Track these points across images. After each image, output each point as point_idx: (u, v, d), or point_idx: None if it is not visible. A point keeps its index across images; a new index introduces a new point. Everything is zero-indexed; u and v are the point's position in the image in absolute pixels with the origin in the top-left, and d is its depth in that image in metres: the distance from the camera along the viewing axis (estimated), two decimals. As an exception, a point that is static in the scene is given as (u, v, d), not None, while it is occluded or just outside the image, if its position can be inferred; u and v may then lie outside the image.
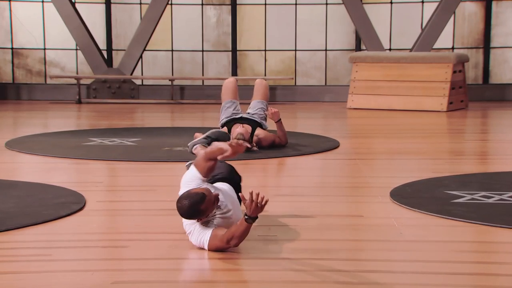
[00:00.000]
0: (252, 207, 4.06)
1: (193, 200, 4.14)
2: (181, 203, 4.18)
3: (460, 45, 13.72)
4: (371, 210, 5.35)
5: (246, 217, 4.11)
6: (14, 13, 13.81)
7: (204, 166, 4.37)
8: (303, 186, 6.22)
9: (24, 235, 4.66)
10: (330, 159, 7.47)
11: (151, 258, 4.19)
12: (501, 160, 7.67)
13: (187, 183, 4.40)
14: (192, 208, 4.14)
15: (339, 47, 13.91)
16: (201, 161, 4.39)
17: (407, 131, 9.87)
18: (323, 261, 4.14)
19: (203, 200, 4.14)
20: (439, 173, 6.62)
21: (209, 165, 4.37)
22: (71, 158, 7.44)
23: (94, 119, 11.35)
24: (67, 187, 5.94)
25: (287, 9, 13.86)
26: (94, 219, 5.10)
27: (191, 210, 4.16)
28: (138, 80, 13.75)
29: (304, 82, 13.86)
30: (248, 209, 4.09)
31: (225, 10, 13.96)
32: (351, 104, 12.15)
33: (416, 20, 13.70)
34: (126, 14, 14.00)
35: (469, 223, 4.88)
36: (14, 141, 8.43)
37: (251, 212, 4.08)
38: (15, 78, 13.94)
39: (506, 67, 13.71)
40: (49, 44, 13.88)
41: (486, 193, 5.70)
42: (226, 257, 4.20)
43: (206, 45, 14.00)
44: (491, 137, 9.70)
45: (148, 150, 7.88)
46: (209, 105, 12.68)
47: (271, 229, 4.80)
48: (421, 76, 11.80)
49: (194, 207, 4.14)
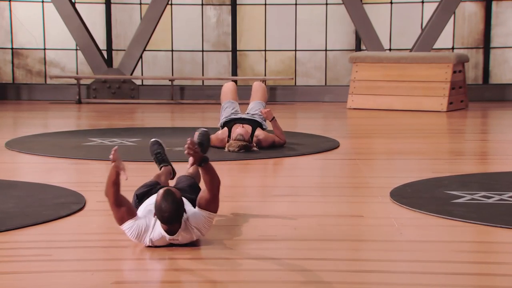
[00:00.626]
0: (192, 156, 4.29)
1: (174, 200, 4.12)
2: (168, 207, 4.10)
3: (460, 45, 13.72)
4: (371, 210, 5.36)
5: (202, 164, 4.27)
6: (14, 13, 13.81)
7: (111, 192, 4.26)
8: (303, 186, 6.22)
9: (24, 235, 4.66)
10: (330, 159, 7.47)
11: (151, 258, 4.19)
12: (501, 160, 7.67)
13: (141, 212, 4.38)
14: (179, 205, 4.14)
15: (339, 47, 13.91)
16: (108, 188, 4.28)
17: (407, 131, 9.87)
18: (323, 261, 4.15)
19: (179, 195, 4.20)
20: (439, 173, 6.62)
21: (113, 191, 4.25)
22: (71, 158, 7.45)
23: (94, 119, 11.35)
24: (67, 187, 5.94)
25: (287, 9, 13.87)
26: (94, 219, 5.10)
27: (179, 209, 4.15)
28: (138, 80, 13.75)
29: (304, 82, 13.86)
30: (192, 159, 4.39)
31: (225, 10, 13.97)
32: (351, 104, 12.15)
33: (416, 20, 13.71)
34: (126, 14, 14.00)
35: (469, 223, 4.88)
36: (14, 141, 8.43)
37: (194, 160, 4.30)
38: (15, 78, 13.94)
39: (506, 67, 13.71)
40: (49, 44, 13.89)
41: (486, 193, 5.70)
42: (224, 257, 4.20)
43: (206, 45, 14.00)
44: (491, 137, 9.70)
45: (148, 150, 7.86)
46: (209, 105, 12.68)
47: (271, 229, 4.80)
48: (421, 76, 11.80)
49: (179, 204, 4.15)
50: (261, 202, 5.68)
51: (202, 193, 4.37)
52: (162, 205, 4.12)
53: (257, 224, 4.88)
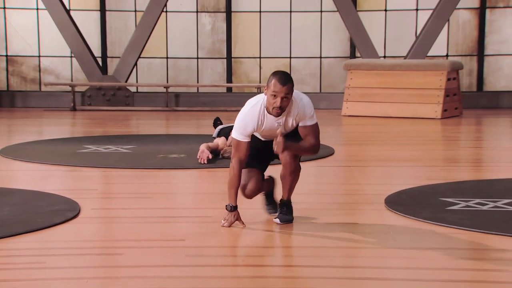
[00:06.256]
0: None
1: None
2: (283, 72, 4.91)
3: (454, 52, 13.75)
4: (366, 217, 5.36)
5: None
6: (9, 21, 13.80)
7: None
8: (297, 193, 6.21)
9: (19, 243, 4.65)
10: (325, 166, 7.47)
11: (146, 265, 4.18)
12: (495, 167, 7.68)
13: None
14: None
15: (334, 55, 13.93)
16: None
17: (401, 138, 9.89)
18: (317, 269, 4.14)
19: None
20: (434, 180, 6.62)
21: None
22: (65, 165, 7.43)
23: (89, 127, 11.34)
24: (62, 194, 5.92)
25: (282, 16, 13.89)
26: (89, 226, 5.09)
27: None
28: (133, 87, 13.75)
29: (299, 89, 13.82)
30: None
31: (220, 18, 13.98)
32: (346, 111, 12.17)
33: (410, 28, 13.74)
34: (121, 22, 14.00)
35: (463, 230, 4.88)
36: (8, 149, 8.42)
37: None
38: (10, 85, 13.93)
39: (500, 75, 13.74)
40: (43, 52, 13.88)
41: (480, 200, 5.71)
42: (220, 265, 4.20)
43: (201, 53, 14.01)
44: (485, 145, 9.72)
45: (143, 157, 7.87)
46: (204, 113, 12.68)
47: (266, 236, 4.79)
48: (415, 84, 11.82)
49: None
50: (255, 209, 5.67)
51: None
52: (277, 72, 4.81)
53: (251, 231, 4.87)
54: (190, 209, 5.72)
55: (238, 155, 4.85)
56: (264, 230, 4.93)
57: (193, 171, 7.20)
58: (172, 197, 6.26)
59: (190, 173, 7.17)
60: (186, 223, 5.20)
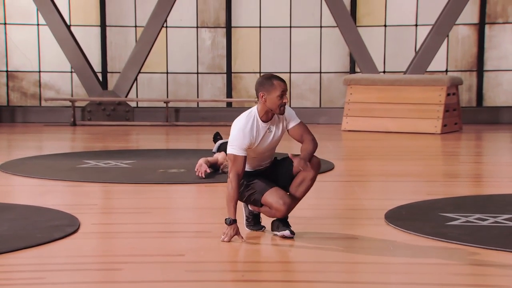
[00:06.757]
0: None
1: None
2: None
3: (454, 68, 13.78)
4: (366, 232, 5.35)
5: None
6: (9, 36, 13.84)
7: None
8: (297, 208, 6.21)
9: (18, 258, 4.64)
10: (325, 181, 7.47)
11: (145, 281, 4.17)
12: (495, 183, 7.68)
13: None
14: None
15: (334, 70, 13.96)
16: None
17: (401, 153, 9.89)
18: (317, 284, 4.13)
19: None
20: (434, 195, 6.62)
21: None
22: (65, 180, 7.43)
23: (89, 142, 11.35)
24: (62, 209, 5.92)
25: (282, 32, 13.93)
26: (89, 241, 5.08)
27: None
28: (133, 102, 13.76)
29: (299, 104, 13.89)
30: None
31: (220, 33, 14.02)
32: (345, 126, 12.18)
33: (410, 43, 13.78)
34: (121, 37, 14.04)
35: (463, 246, 4.88)
36: (8, 164, 8.42)
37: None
38: (10, 100, 13.95)
39: (500, 90, 13.77)
40: (44, 67, 13.91)
41: (480, 215, 5.70)
42: (220, 280, 4.19)
43: (201, 68, 14.04)
44: (485, 160, 9.72)
45: (143, 172, 7.87)
46: (204, 127, 12.69)
47: (266, 250, 4.79)
48: (415, 99, 11.84)
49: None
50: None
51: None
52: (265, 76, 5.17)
53: (250, 245, 4.86)
54: (189, 224, 5.72)
55: (236, 169, 4.90)
56: (264, 245, 4.93)
57: (192, 186, 7.19)
58: (172, 212, 6.26)
59: (190, 188, 7.17)
60: (186, 238, 5.19)
